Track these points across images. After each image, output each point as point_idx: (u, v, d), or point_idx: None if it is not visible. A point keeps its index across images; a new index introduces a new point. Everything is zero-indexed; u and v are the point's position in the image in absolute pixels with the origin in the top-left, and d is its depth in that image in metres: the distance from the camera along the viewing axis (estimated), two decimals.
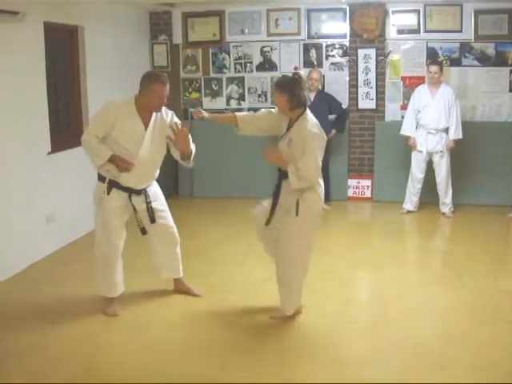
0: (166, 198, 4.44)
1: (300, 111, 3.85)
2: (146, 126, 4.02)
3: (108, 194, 4.03)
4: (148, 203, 4.18)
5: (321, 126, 3.87)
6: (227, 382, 3.31)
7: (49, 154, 5.54)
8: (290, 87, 3.79)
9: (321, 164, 3.81)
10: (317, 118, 3.93)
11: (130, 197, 4.12)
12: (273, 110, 4.11)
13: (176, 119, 4.14)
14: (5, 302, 4.47)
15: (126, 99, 4.06)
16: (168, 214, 4.37)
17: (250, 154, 7.27)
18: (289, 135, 3.84)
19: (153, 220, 4.22)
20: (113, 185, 4.05)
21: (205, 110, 7.84)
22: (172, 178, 7.78)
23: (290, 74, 3.92)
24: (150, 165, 4.15)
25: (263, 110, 4.16)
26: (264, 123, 4.09)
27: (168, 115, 4.14)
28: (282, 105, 3.85)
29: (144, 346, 3.75)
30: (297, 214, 3.84)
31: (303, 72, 4.11)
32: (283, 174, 3.89)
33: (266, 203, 4.09)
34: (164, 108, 4.11)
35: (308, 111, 3.87)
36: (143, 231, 4.21)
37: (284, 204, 3.94)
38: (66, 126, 6.12)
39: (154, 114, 4.04)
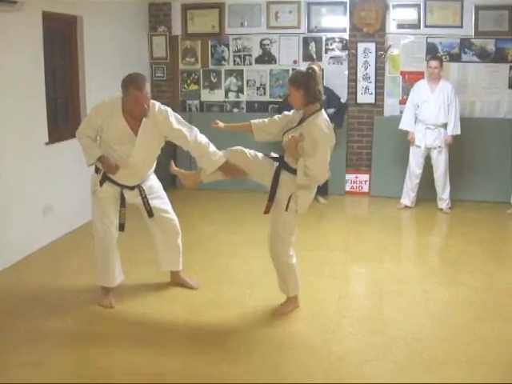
0: (164, 190, 4.41)
1: (315, 107, 3.78)
2: (136, 128, 3.91)
3: (101, 185, 4.04)
4: (144, 198, 4.18)
5: None
6: (224, 376, 3.30)
7: (46, 144, 5.52)
8: (304, 82, 3.73)
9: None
10: None
11: (122, 191, 4.11)
12: (287, 113, 4.01)
13: (171, 118, 3.95)
14: (0, 294, 4.44)
15: (116, 98, 3.91)
16: (168, 206, 4.36)
17: (249, 144, 7.25)
18: (300, 130, 3.77)
19: (150, 214, 4.23)
20: (107, 178, 4.04)
21: (203, 102, 8.01)
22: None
23: (304, 69, 3.82)
24: (143, 166, 4.13)
25: (277, 116, 4.04)
26: (278, 128, 3.99)
27: (161, 113, 3.94)
28: (297, 101, 3.78)
29: (141, 338, 3.75)
30: (286, 209, 3.84)
31: (306, 65, 4.03)
32: (283, 165, 3.87)
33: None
34: (158, 106, 3.96)
35: (323, 111, 3.81)
36: (121, 227, 4.17)
37: (278, 195, 3.89)
38: (63, 117, 6.09)
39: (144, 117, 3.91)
